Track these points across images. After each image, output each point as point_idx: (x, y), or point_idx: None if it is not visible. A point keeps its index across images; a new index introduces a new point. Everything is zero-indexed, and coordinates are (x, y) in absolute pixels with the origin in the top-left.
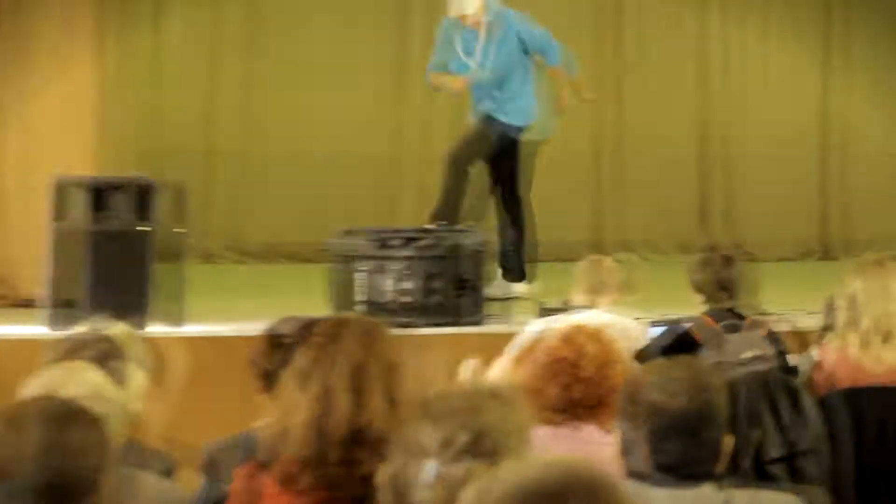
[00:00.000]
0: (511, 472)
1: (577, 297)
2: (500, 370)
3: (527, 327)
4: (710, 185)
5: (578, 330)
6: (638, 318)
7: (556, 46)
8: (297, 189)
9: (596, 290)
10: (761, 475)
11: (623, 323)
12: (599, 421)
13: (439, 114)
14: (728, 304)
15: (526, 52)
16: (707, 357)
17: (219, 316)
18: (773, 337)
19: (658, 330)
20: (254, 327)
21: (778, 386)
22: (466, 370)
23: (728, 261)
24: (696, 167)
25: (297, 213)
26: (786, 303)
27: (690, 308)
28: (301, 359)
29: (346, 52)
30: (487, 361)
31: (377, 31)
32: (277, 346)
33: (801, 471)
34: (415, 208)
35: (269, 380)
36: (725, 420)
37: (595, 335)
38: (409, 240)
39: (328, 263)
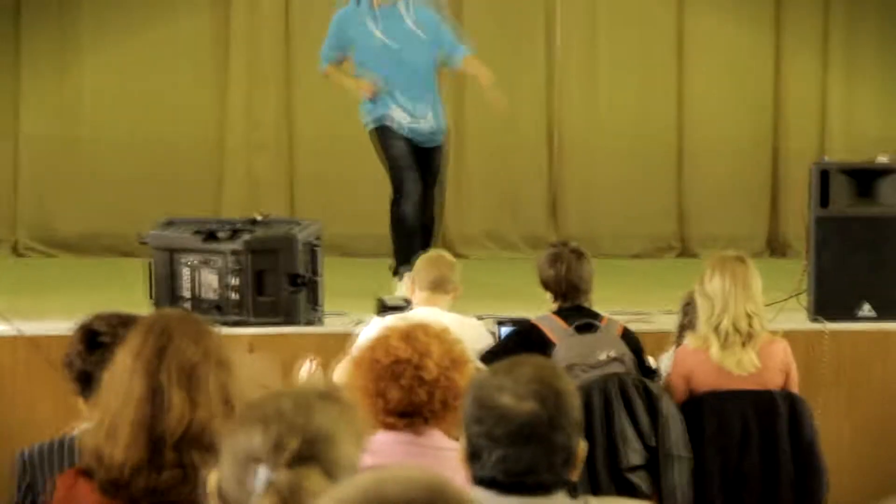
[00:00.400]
0: (370, 487)
1: (418, 294)
2: (340, 372)
3: (366, 326)
4: (562, 178)
5: (421, 328)
6: (482, 317)
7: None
8: (113, 176)
9: (437, 287)
10: (619, 484)
11: (467, 322)
12: (444, 426)
13: (264, 98)
14: (579, 302)
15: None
16: (558, 358)
17: (28, 314)
18: (628, 337)
19: (505, 330)
20: (66, 325)
21: (636, 389)
22: (303, 372)
23: (579, 256)
24: (547, 158)
25: (112, 202)
26: (641, 301)
27: (540, 306)
28: (124, 357)
29: (165, 34)
30: (326, 363)
31: (198, 10)
32: (93, 345)
33: (661, 478)
34: (241, 197)
35: (85, 381)
36: (579, 425)
37: (439, 334)
38: (237, 231)
39: (148, 257)
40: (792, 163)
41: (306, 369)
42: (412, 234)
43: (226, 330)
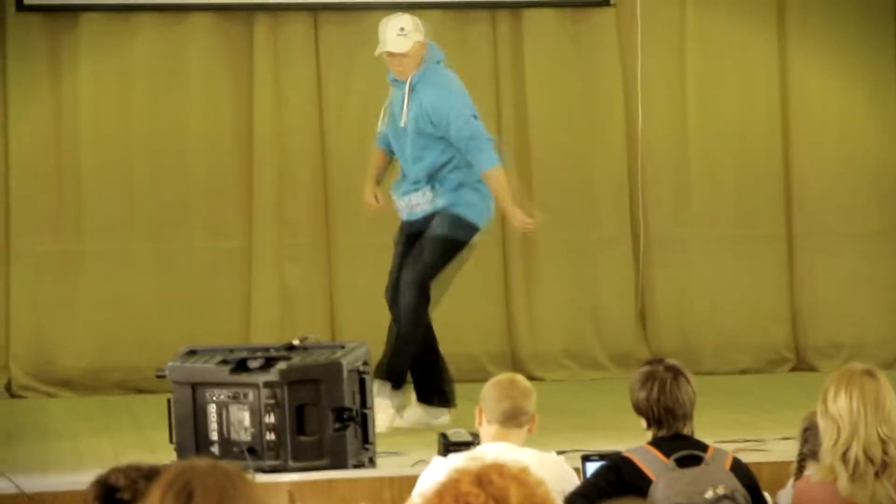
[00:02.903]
0: None
1: (487, 428)
2: None
3: (428, 468)
4: (652, 281)
5: (496, 469)
6: (563, 451)
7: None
8: (122, 297)
9: (510, 419)
10: None
11: (547, 458)
12: None
13: (296, 199)
14: (679, 430)
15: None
16: (658, 498)
17: (28, 466)
18: (739, 469)
19: (593, 466)
20: (74, 479)
21: None
22: None
23: (676, 375)
24: (632, 256)
25: (123, 328)
26: (753, 426)
27: (634, 437)
28: None
29: (178, 134)
30: None
31: (217, 99)
32: (111, 503)
33: None
34: (273, 315)
35: None
36: None
37: (517, 476)
38: (271, 360)
39: (168, 393)
40: None
41: None
42: None
43: (262, 477)
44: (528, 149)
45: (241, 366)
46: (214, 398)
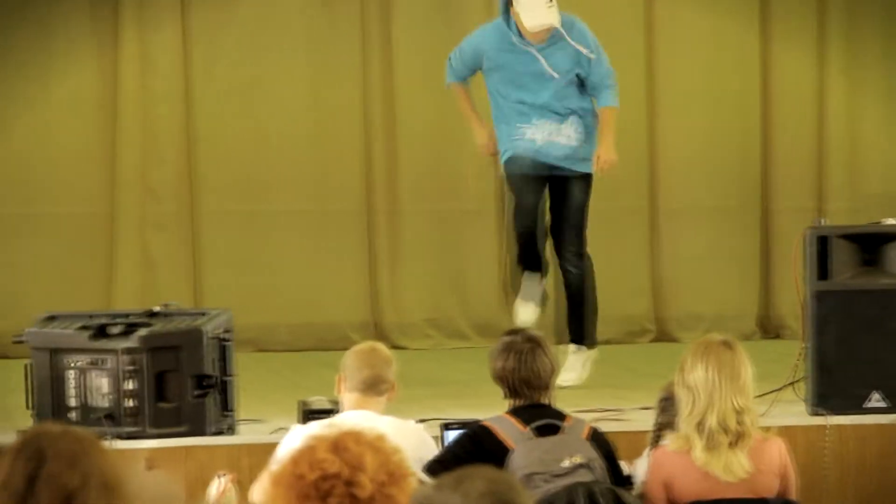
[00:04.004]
0: None
1: (347, 396)
2: (258, 492)
3: (287, 436)
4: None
5: (352, 437)
6: (424, 420)
7: None
8: None
9: (370, 387)
10: None
11: (406, 426)
12: None
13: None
14: (538, 400)
15: None
16: (515, 466)
17: None
18: (597, 439)
19: (453, 434)
20: None
21: (607, 501)
22: (212, 492)
23: (536, 345)
24: (497, 228)
25: None
26: (612, 396)
27: (494, 405)
28: None
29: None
30: (241, 480)
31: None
32: None
33: None
34: (135, 282)
35: None
36: None
37: (373, 443)
38: (132, 326)
39: (26, 359)
40: (786, 226)
41: (217, 488)
42: None
43: (119, 444)
44: (394, 122)
45: (101, 332)
46: (73, 364)
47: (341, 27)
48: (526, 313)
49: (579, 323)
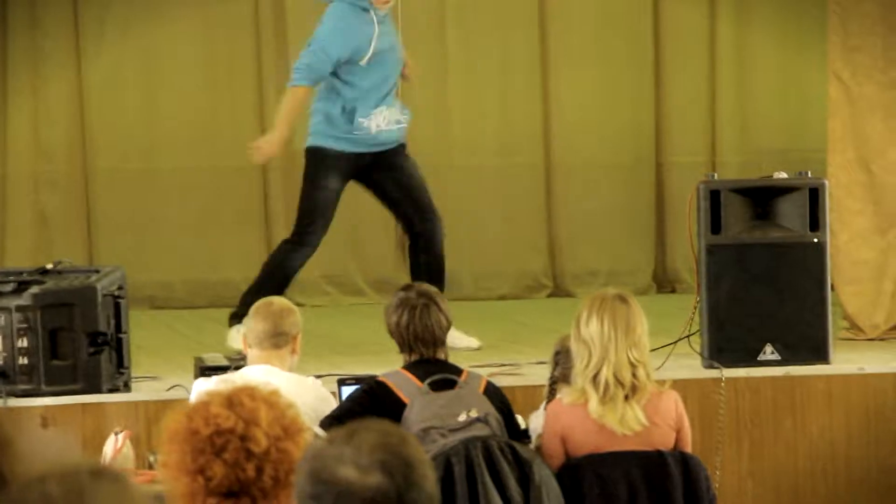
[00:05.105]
0: None
1: (249, 352)
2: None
3: (192, 392)
4: None
5: (246, 392)
6: (321, 376)
7: None
8: None
9: (267, 341)
10: None
11: (305, 382)
12: None
13: (52, 123)
14: (433, 355)
15: None
16: (411, 421)
17: None
18: (493, 393)
19: (349, 390)
20: None
21: (503, 454)
22: (108, 448)
23: (429, 300)
24: None
25: None
26: (508, 350)
27: (391, 361)
28: None
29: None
30: (140, 436)
31: None
32: None
33: None
34: (28, 241)
35: None
36: (435, 499)
37: (267, 398)
38: (24, 284)
39: None
40: (679, 181)
41: (113, 445)
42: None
43: (12, 402)
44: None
45: None
46: None
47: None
48: None
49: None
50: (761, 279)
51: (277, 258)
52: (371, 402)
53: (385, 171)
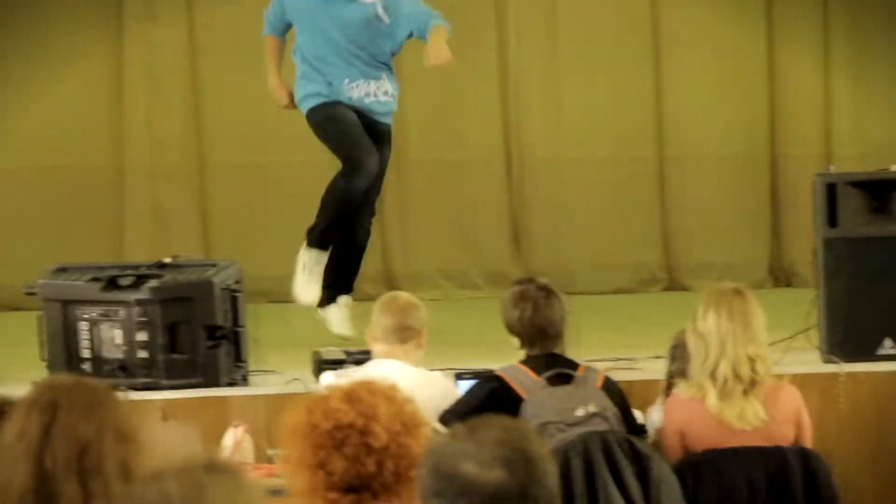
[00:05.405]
0: None
1: (374, 347)
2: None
3: (316, 385)
4: (525, 202)
5: (365, 387)
6: (441, 370)
7: None
8: None
9: (391, 334)
10: None
11: (431, 377)
12: (398, 501)
13: (167, 117)
14: (551, 349)
15: None
16: (529, 416)
17: None
18: (610, 388)
19: (465, 384)
20: None
21: (621, 449)
22: (228, 442)
23: (548, 294)
24: (505, 179)
25: None
26: (625, 345)
27: (507, 355)
28: (5, 439)
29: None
30: (258, 430)
31: (88, 22)
32: None
33: None
34: (145, 234)
35: None
36: (556, 495)
37: (386, 393)
38: (142, 278)
39: (38, 311)
40: (795, 174)
41: (232, 438)
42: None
43: (133, 395)
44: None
45: (112, 284)
46: (85, 316)
47: None
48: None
49: (354, 275)
50: (879, 273)
51: (339, 185)
52: (489, 396)
53: None
